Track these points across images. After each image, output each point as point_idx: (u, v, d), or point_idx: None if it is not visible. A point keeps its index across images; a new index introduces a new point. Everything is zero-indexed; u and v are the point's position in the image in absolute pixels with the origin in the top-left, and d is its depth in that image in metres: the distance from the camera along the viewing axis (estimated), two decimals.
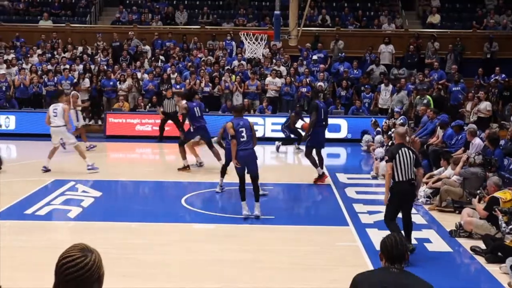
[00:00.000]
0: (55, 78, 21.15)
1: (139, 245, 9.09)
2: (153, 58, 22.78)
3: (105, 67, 21.87)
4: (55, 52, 23.11)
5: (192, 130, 14.14)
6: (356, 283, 3.94)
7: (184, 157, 14.23)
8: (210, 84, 20.97)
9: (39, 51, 22.96)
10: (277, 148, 17.41)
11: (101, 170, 14.25)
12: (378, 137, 16.75)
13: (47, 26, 24.96)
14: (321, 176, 13.34)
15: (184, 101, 14.38)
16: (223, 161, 12.79)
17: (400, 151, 8.51)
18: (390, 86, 20.17)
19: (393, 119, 17.47)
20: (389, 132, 16.12)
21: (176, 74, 21.27)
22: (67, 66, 21.66)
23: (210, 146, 14.04)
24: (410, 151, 8.64)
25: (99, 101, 21.39)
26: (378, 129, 17.45)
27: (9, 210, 10.89)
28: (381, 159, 14.83)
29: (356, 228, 9.91)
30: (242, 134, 10.21)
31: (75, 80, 20.42)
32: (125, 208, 11.44)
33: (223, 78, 21.00)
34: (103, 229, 9.90)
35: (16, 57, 22.59)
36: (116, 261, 7.67)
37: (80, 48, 23.35)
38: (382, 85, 20.39)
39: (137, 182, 13.87)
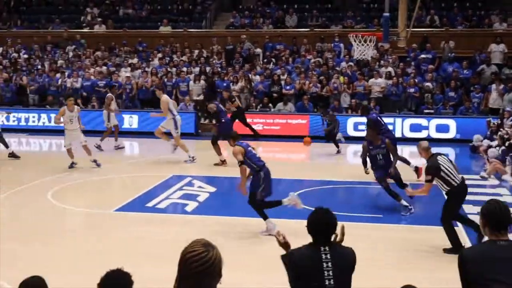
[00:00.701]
0: (173, 80, 22.50)
1: (249, 237, 9.52)
2: (264, 60, 23.54)
3: (219, 69, 22.96)
4: (174, 56, 24.40)
5: (224, 122, 15.47)
6: (465, 259, 3.78)
7: (219, 153, 15.30)
8: (319, 85, 21.49)
9: (160, 55, 24.35)
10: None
11: (213, 167, 15.11)
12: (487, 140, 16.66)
13: (167, 31, 26.29)
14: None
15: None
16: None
17: (439, 160, 8.82)
18: (502, 86, 19.83)
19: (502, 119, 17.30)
20: (499, 133, 16.02)
21: (286, 75, 21.98)
22: (184, 69, 22.91)
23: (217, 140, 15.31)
24: (443, 155, 8.99)
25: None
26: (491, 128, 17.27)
27: (132, 202, 11.70)
28: (496, 158, 14.86)
29: (465, 229, 9.62)
30: (256, 155, 9.94)
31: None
32: (237, 203, 11.77)
33: (332, 80, 21.45)
34: (217, 223, 10.41)
35: (139, 61, 24.07)
36: (232, 254, 8.22)
37: (196, 52, 24.44)
38: (493, 85, 20.04)
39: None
